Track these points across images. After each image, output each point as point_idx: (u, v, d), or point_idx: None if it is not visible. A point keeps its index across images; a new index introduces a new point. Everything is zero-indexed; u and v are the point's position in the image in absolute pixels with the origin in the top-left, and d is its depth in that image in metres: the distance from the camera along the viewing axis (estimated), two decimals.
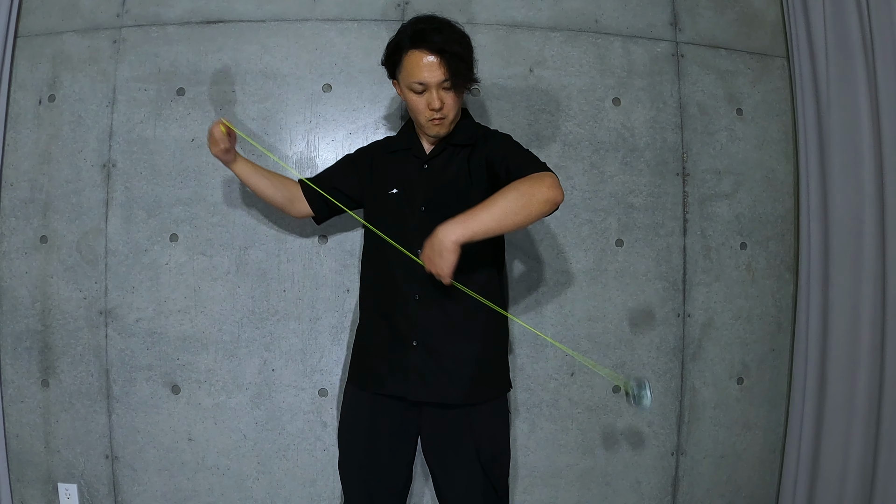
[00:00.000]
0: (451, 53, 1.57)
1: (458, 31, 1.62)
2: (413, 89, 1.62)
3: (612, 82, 2.20)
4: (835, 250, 2.15)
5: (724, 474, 2.29)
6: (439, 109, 1.62)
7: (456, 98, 1.64)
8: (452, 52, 1.57)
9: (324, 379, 2.13)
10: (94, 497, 2.17)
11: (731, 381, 2.28)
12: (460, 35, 1.62)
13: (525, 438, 2.18)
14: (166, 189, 2.12)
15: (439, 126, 1.66)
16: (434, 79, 1.59)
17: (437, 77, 1.59)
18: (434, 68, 1.58)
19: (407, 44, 1.60)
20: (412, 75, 1.60)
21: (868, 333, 2.09)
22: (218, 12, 2.13)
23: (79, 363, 2.14)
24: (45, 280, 2.15)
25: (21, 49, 2.17)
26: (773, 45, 2.33)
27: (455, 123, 1.71)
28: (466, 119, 1.77)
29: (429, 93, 1.61)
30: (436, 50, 1.57)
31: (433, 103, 1.61)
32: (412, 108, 1.67)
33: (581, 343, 2.18)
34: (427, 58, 1.58)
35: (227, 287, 2.12)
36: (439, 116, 1.63)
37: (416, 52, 1.59)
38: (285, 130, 2.13)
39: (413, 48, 1.59)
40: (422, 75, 1.59)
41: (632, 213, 2.21)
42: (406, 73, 1.62)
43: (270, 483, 2.14)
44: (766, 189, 2.30)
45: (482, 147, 1.71)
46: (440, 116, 1.63)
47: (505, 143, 1.71)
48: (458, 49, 1.58)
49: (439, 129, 1.67)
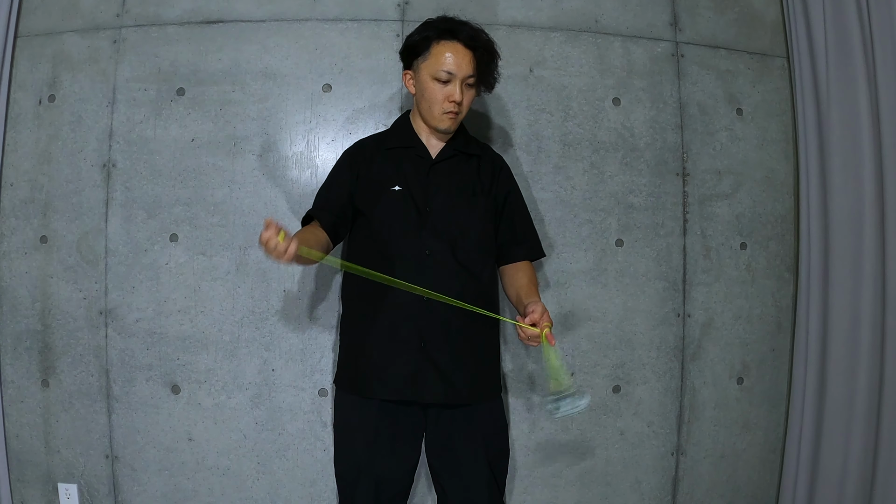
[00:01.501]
0: (484, 50, 1.65)
1: (489, 37, 1.70)
2: (439, 78, 1.65)
3: (612, 82, 2.20)
4: (835, 250, 2.15)
5: (724, 474, 2.29)
6: (459, 103, 1.66)
7: (473, 97, 1.71)
8: (486, 49, 1.66)
9: (324, 379, 2.13)
10: (94, 497, 2.17)
11: (731, 381, 2.28)
12: (492, 41, 1.70)
13: (525, 438, 2.18)
14: (166, 189, 2.12)
15: (452, 120, 1.68)
16: (463, 72, 1.64)
17: (466, 70, 1.64)
18: (465, 61, 1.64)
19: (441, 35, 1.65)
20: (441, 64, 1.64)
21: (868, 333, 2.09)
22: (218, 12, 2.13)
23: (79, 363, 2.14)
24: (45, 280, 2.15)
25: (21, 49, 2.17)
26: (773, 45, 2.33)
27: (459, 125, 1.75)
28: (465, 131, 1.82)
29: (452, 84, 1.65)
30: (471, 45, 1.65)
31: (455, 95, 1.65)
32: (429, 98, 1.68)
33: (581, 343, 2.18)
34: (461, 50, 1.64)
35: (227, 287, 2.12)
36: (455, 110, 1.67)
37: (451, 42, 1.65)
38: (285, 130, 2.13)
39: (447, 39, 1.65)
40: (452, 65, 1.63)
41: (632, 213, 2.21)
42: (434, 62, 1.65)
43: (270, 483, 2.14)
44: (766, 189, 2.30)
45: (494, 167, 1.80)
46: (456, 111, 1.67)
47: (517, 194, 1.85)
48: (490, 48, 1.68)
49: (451, 123, 1.69)
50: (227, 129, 2.12)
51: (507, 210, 1.80)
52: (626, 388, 2.21)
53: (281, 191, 2.12)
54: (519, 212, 1.83)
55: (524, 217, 1.85)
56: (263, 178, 2.12)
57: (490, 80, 1.70)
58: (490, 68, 1.68)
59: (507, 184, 1.82)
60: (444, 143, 1.75)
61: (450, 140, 1.75)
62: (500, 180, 1.80)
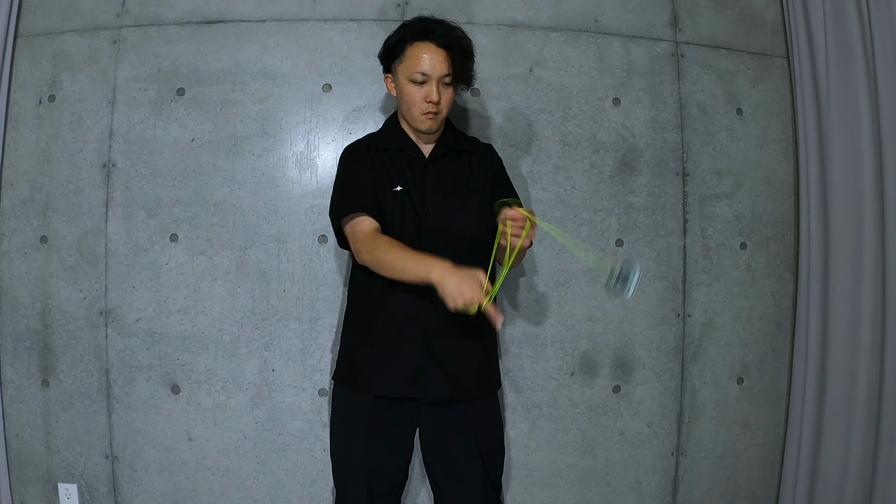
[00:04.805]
0: (457, 49, 1.64)
1: (464, 34, 1.69)
2: (413, 80, 1.64)
3: (612, 82, 2.20)
4: (835, 250, 2.14)
5: (724, 474, 2.29)
6: (437, 103, 1.65)
7: (451, 96, 1.69)
8: (459, 47, 1.64)
9: (324, 379, 2.13)
10: (94, 497, 2.17)
11: (731, 381, 2.28)
12: (466, 37, 1.68)
13: (525, 438, 2.18)
14: (166, 189, 2.12)
15: (432, 121, 1.68)
16: (437, 72, 1.63)
17: (440, 70, 1.63)
18: (439, 61, 1.63)
19: (414, 36, 1.65)
20: (416, 66, 1.63)
21: (868, 333, 2.09)
22: (218, 12, 2.13)
23: (79, 363, 2.14)
24: (45, 280, 2.15)
25: (21, 49, 2.17)
26: (773, 45, 2.33)
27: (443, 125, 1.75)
28: (453, 128, 1.81)
29: (429, 85, 1.64)
30: (443, 44, 1.63)
31: (431, 96, 1.64)
32: (407, 100, 1.67)
33: (581, 343, 2.18)
34: (434, 50, 1.63)
35: (227, 287, 2.12)
36: (434, 111, 1.66)
37: (423, 44, 1.64)
38: (285, 130, 2.13)
39: (420, 40, 1.64)
40: (426, 66, 1.63)
41: (632, 213, 2.21)
42: (409, 64, 1.64)
43: (270, 483, 2.14)
44: (766, 189, 2.30)
45: (484, 159, 1.80)
46: (435, 111, 1.66)
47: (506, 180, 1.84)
48: (464, 46, 1.66)
49: (432, 123, 1.68)
50: (227, 129, 2.12)
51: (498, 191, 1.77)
52: (626, 388, 2.21)
53: (281, 191, 2.12)
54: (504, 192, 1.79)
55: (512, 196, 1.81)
56: (263, 178, 2.12)
57: (467, 77, 1.69)
58: (465, 66, 1.66)
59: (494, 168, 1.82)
60: (434, 142, 1.75)
61: (439, 139, 1.76)
62: (490, 168, 1.80)
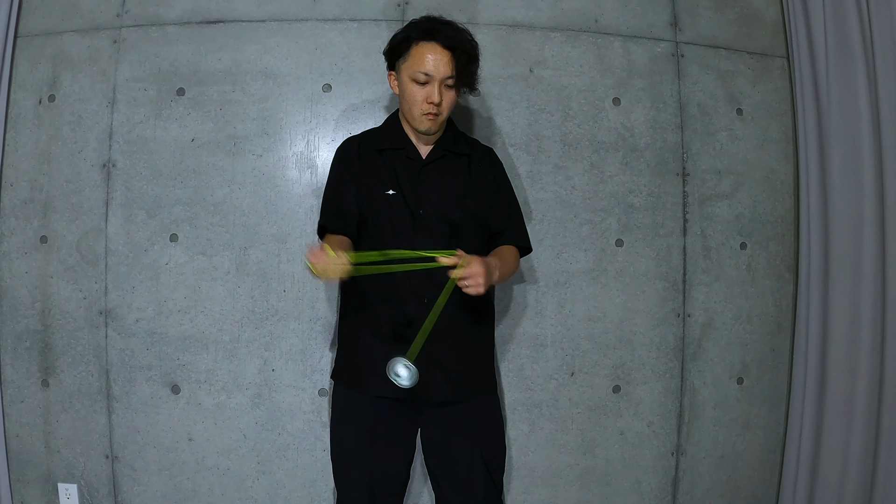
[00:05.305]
0: (462, 51, 1.63)
1: (471, 37, 1.68)
2: (416, 79, 1.63)
3: (612, 82, 2.20)
4: (835, 250, 2.15)
5: (724, 474, 2.29)
6: (438, 105, 1.64)
7: (454, 98, 1.68)
8: (464, 50, 1.63)
9: (324, 379, 2.13)
10: (94, 497, 2.17)
11: (731, 381, 2.28)
12: (473, 41, 1.67)
13: (525, 438, 2.18)
14: (166, 189, 2.12)
15: (432, 122, 1.67)
16: (440, 73, 1.62)
17: (443, 72, 1.62)
18: (443, 62, 1.62)
19: (420, 35, 1.64)
20: (419, 65, 1.62)
21: (868, 333, 2.09)
22: (218, 12, 2.13)
23: (79, 363, 2.14)
24: (45, 280, 2.15)
25: (21, 49, 2.17)
26: (773, 45, 2.33)
27: (444, 126, 1.73)
28: (455, 129, 1.80)
29: (431, 86, 1.63)
30: (449, 46, 1.62)
31: (433, 97, 1.63)
32: (408, 99, 1.67)
33: (581, 343, 2.18)
34: (438, 51, 1.62)
35: (227, 287, 2.12)
36: (434, 112, 1.64)
37: (428, 44, 1.62)
38: (285, 130, 2.13)
39: (426, 40, 1.63)
40: (430, 66, 1.62)
41: (632, 213, 2.21)
42: (412, 63, 1.63)
43: (270, 483, 2.14)
44: (766, 189, 2.30)
45: (483, 162, 1.78)
46: (435, 112, 1.65)
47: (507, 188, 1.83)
48: (469, 49, 1.65)
49: (431, 124, 1.67)
50: (227, 129, 2.12)
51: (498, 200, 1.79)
52: (626, 388, 2.21)
53: (281, 191, 2.12)
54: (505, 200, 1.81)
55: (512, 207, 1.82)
56: (263, 178, 2.12)
57: (470, 80, 1.67)
58: (469, 69, 1.65)
59: (493, 173, 1.80)
60: (433, 143, 1.74)
61: (439, 140, 1.74)
62: (489, 173, 1.79)
